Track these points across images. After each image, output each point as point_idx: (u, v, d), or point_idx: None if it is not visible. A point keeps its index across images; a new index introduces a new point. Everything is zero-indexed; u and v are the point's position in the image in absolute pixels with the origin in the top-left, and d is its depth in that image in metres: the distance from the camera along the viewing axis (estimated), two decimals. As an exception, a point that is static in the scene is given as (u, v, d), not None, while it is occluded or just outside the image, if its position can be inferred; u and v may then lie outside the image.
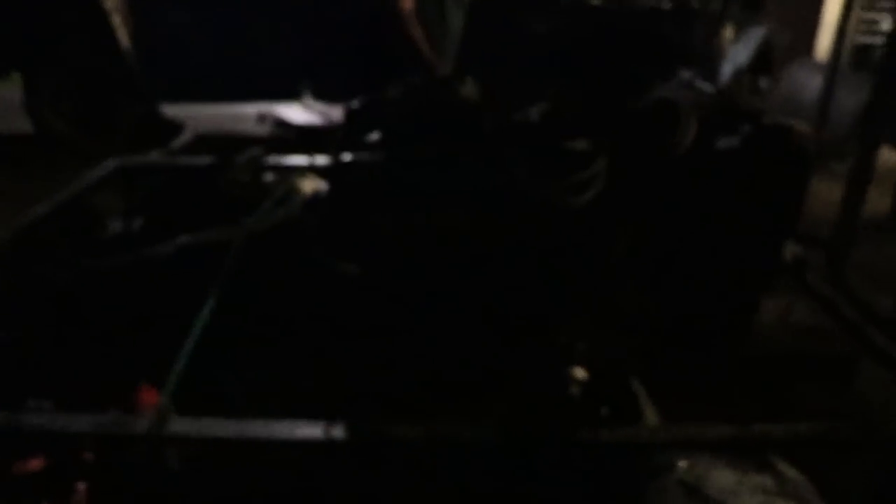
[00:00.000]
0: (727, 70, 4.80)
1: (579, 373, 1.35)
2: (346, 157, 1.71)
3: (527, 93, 1.86)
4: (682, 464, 1.16)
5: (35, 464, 1.46)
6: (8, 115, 4.50)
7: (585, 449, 1.20)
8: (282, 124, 4.67)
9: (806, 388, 2.00)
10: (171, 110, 5.68)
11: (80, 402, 1.55)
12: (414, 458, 1.33)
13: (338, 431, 1.22)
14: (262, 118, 5.16)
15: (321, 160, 2.29)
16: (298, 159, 2.49)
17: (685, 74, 2.26)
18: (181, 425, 1.24)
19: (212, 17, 4.34)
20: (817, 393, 2.05)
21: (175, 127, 5.59)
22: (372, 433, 1.23)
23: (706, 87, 2.08)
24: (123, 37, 3.91)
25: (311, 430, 1.23)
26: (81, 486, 1.41)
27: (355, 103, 2.01)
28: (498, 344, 1.50)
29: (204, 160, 2.61)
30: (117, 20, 3.83)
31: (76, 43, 4.01)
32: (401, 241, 1.58)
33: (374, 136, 1.80)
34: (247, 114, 5.40)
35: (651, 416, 1.37)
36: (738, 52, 5.39)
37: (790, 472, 1.24)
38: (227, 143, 2.93)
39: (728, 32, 5.57)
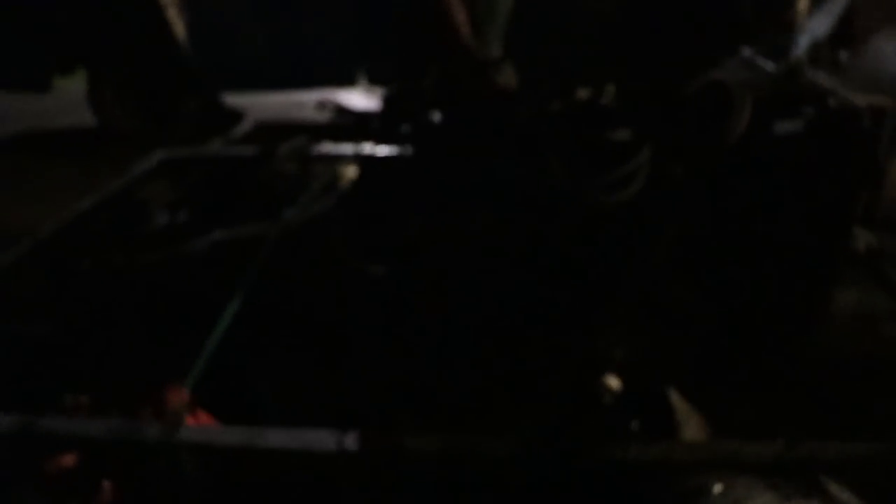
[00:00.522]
0: (803, 43, 4.50)
1: (612, 382, 1.26)
2: (378, 148, 1.65)
3: (577, 73, 1.75)
4: (717, 487, 1.06)
5: (68, 460, 1.47)
6: (74, 109, 4.66)
7: (612, 467, 1.11)
8: (340, 111, 4.66)
9: (876, 395, 1.82)
10: (233, 100, 5.79)
11: (116, 398, 1.56)
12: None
13: (350, 442, 1.17)
14: (321, 105, 5.17)
15: (366, 149, 2.24)
16: (344, 148, 2.45)
17: (746, 51, 2.10)
18: (192, 433, 1.22)
19: (265, 7, 4.35)
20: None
21: (236, 116, 5.69)
22: (385, 445, 1.18)
23: (768, 65, 1.91)
24: (179, 30, 3.96)
25: (322, 441, 1.18)
26: (108, 485, 1.42)
27: (389, 91, 1.95)
28: (527, 348, 1.42)
29: (250, 151, 2.61)
30: (172, 13, 3.88)
31: (134, 37, 4.09)
32: (426, 239, 1.52)
33: (407, 126, 1.74)
34: (308, 101, 5.45)
35: (693, 430, 1.26)
36: (817, 22, 5.04)
37: (844, 495, 1.11)
38: (286, 131, 2.94)
39: (803, 2, 5.23)
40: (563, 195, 1.44)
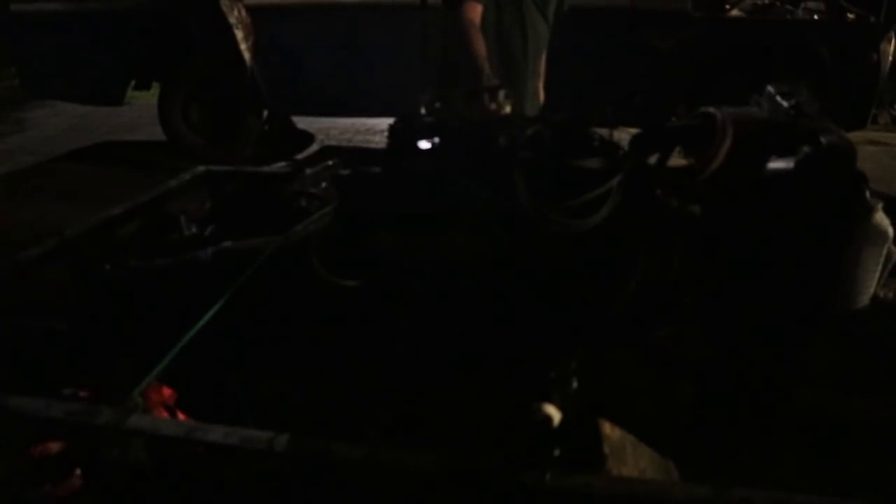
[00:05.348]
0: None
1: (549, 410, 1.24)
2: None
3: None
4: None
5: (52, 447, 1.57)
6: (151, 123, 4.96)
7: (527, 493, 1.10)
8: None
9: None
10: (307, 123, 5.99)
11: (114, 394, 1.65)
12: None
13: (279, 444, 1.21)
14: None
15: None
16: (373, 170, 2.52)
17: (770, 88, 2.04)
18: (140, 421, 1.29)
19: (332, 35, 4.50)
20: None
21: (305, 139, 5.90)
22: (312, 450, 1.21)
23: (785, 101, 1.85)
24: (246, 50, 4.15)
25: (255, 440, 1.22)
26: (77, 472, 1.51)
27: (398, 119, 1.99)
28: (481, 369, 1.42)
29: (283, 170, 2.74)
30: (240, 34, 4.07)
31: (200, 54, 4.31)
32: (399, 259, 1.55)
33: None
34: (380, 127, 5.61)
35: (631, 465, 1.22)
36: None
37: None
38: (350, 154, 3.05)
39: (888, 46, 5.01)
40: (528, 219, 1.44)
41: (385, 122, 1.84)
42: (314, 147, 5.83)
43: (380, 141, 5.34)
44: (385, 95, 4.68)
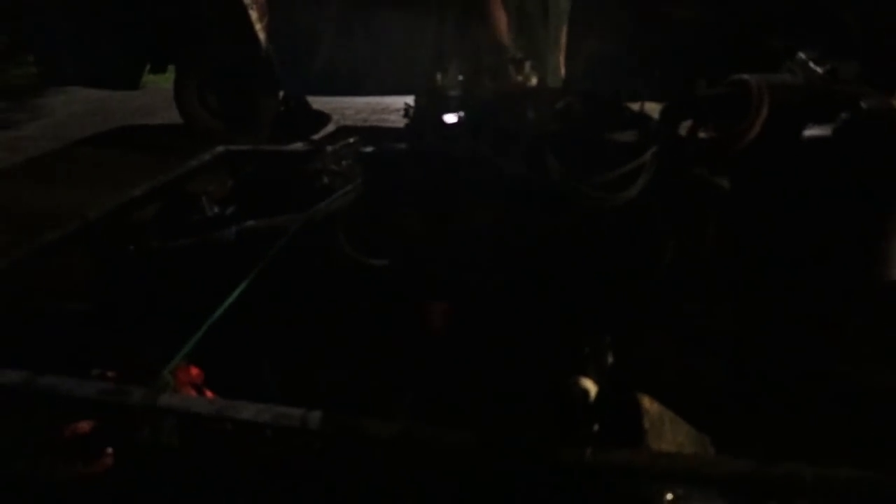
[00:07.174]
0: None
1: (587, 384, 1.22)
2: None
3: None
4: (668, 497, 1.00)
5: (83, 427, 1.57)
6: (169, 106, 4.94)
7: (567, 469, 1.08)
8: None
9: None
10: (323, 103, 5.95)
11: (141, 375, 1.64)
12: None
13: (313, 421, 1.19)
14: (406, 111, 5.28)
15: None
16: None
17: (802, 55, 1.98)
18: (172, 400, 1.28)
19: (347, 13, 4.45)
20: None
21: (321, 119, 5.87)
22: (345, 427, 1.19)
23: (819, 67, 1.79)
24: (261, 31, 4.12)
25: (289, 417, 1.21)
26: (109, 451, 1.50)
27: (421, 93, 1.96)
28: (515, 344, 1.40)
29: (303, 149, 2.71)
30: (254, 15, 4.04)
31: (215, 36, 4.28)
32: (426, 234, 1.52)
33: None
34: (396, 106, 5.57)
35: (670, 439, 1.20)
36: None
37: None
38: (367, 134, 3.01)
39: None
40: (561, 194, 1.41)
41: (401, 102, 1.82)
42: (330, 127, 5.81)
43: (395, 120, 5.32)
44: (402, 74, 4.61)
